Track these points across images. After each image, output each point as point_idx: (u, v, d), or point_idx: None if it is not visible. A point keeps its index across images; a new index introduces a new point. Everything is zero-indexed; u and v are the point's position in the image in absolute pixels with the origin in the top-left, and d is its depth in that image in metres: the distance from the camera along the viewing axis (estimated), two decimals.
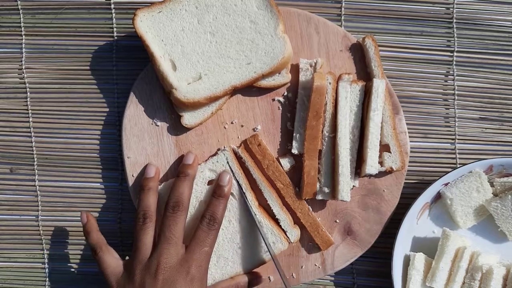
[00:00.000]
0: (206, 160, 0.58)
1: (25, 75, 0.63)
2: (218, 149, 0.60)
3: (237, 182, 0.58)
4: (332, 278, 0.63)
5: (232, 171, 0.58)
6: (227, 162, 0.58)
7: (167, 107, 0.60)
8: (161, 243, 0.52)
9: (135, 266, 0.52)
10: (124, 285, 0.51)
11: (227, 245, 0.58)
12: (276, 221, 0.58)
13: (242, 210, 0.58)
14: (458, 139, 0.63)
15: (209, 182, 0.58)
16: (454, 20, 0.63)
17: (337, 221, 0.60)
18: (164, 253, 0.51)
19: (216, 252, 0.57)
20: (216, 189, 0.56)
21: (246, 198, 0.57)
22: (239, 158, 0.59)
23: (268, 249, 0.56)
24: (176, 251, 0.52)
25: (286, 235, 0.58)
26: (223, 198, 0.55)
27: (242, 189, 0.58)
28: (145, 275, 0.51)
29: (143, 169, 0.59)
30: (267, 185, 0.58)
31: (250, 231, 0.58)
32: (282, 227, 0.58)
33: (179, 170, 0.56)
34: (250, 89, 0.60)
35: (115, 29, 0.63)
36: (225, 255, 0.58)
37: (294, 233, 0.58)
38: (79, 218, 0.58)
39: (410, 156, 0.62)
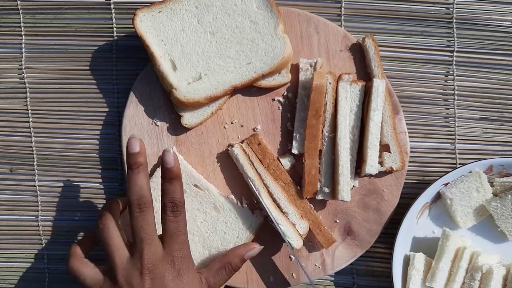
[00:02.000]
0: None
1: (25, 75, 0.63)
2: (229, 145, 0.60)
3: (250, 179, 0.58)
4: (332, 278, 0.63)
5: (244, 169, 0.57)
6: (237, 160, 0.58)
7: (167, 107, 0.60)
8: (137, 245, 0.50)
9: (117, 269, 0.50)
10: (121, 269, 0.50)
11: (212, 236, 0.58)
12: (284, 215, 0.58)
13: (211, 196, 0.58)
14: (458, 139, 0.63)
15: None
16: (454, 20, 0.63)
17: (337, 221, 0.60)
18: (144, 254, 0.49)
19: (205, 245, 0.58)
20: (165, 173, 0.50)
21: (259, 194, 0.57)
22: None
23: (288, 245, 0.56)
24: (155, 248, 0.50)
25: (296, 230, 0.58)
26: (175, 179, 0.51)
27: (255, 185, 0.57)
28: (130, 277, 0.49)
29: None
30: (272, 180, 0.58)
31: (228, 213, 0.58)
32: (291, 220, 0.58)
33: (128, 162, 0.50)
34: (250, 89, 0.60)
35: (115, 29, 0.63)
36: (214, 245, 0.58)
37: (303, 225, 0.58)
38: (79, 218, 0.57)
39: (410, 156, 0.62)
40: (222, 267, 0.54)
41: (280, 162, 0.59)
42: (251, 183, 0.57)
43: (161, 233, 0.52)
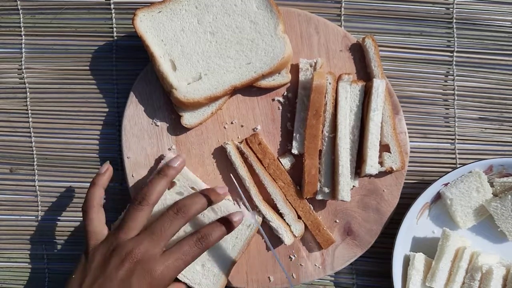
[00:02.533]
0: None
1: (25, 75, 0.63)
2: (224, 142, 0.60)
3: (241, 177, 0.58)
4: (332, 278, 0.63)
5: (236, 166, 0.58)
6: (230, 157, 0.58)
7: (167, 107, 0.60)
8: (146, 233, 0.51)
9: (116, 240, 0.51)
10: (96, 250, 0.51)
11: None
12: (280, 216, 0.58)
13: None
14: (458, 139, 0.63)
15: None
16: (454, 20, 0.63)
17: (337, 221, 0.60)
18: (143, 244, 0.50)
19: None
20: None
21: (250, 193, 0.58)
22: (241, 154, 0.59)
23: (267, 245, 0.56)
24: (155, 248, 0.50)
25: (290, 229, 0.58)
26: (224, 227, 0.53)
27: (246, 184, 0.58)
28: (116, 253, 0.50)
29: (143, 169, 0.60)
30: (270, 180, 0.58)
31: (225, 213, 0.57)
32: (286, 221, 0.58)
33: (162, 168, 0.56)
34: (250, 89, 0.60)
35: (115, 29, 0.63)
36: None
37: (298, 227, 0.58)
38: (79, 218, 0.58)
39: (410, 156, 0.62)
40: (179, 258, 0.52)
41: (280, 162, 0.59)
42: (232, 176, 0.57)
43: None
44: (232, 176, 0.57)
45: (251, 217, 0.57)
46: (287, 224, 0.58)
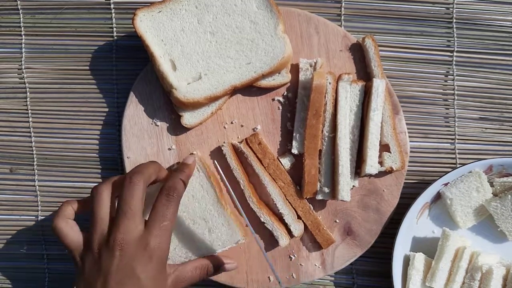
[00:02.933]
0: None
1: (25, 75, 0.63)
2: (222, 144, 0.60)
3: (236, 178, 0.58)
4: (332, 278, 0.63)
5: (230, 167, 0.58)
6: (226, 158, 0.58)
7: (167, 107, 0.60)
8: (117, 217, 0.49)
9: (94, 238, 0.49)
10: (83, 257, 0.49)
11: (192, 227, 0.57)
12: (277, 216, 0.58)
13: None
14: (458, 139, 0.63)
15: None
16: (454, 20, 0.63)
17: (337, 221, 0.60)
18: (121, 228, 0.48)
19: (200, 247, 0.56)
20: (179, 166, 0.55)
21: (246, 195, 0.58)
22: (240, 154, 0.59)
23: (259, 246, 0.56)
24: (134, 225, 0.48)
25: (287, 230, 0.58)
26: (184, 172, 0.53)
27: (240, 185, 0.58)
28: (102, 249, 0.48)
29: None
30: (270, 180, 0.58)
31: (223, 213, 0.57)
32: (286, 221, 0.58)
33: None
34: (250, 89, 0.60)
35: (115, 29, 0.63)
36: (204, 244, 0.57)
37: (298, 227, 0.58)
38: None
39: (410, 156, 0.62)
40: (199, 267, 0.54)
41: (280, 162, 0.59)
42: (228, 185, 0.56)
43: None
44: (228, 185, 0.56)
45: (256, 240, 0.56)
46: (286, 224, 0.58)
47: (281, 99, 0.60)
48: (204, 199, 0.57)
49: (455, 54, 0.63)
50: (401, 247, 0.58)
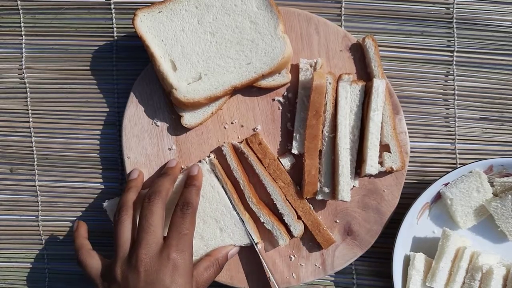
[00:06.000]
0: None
1: (25, 75, 0.63)
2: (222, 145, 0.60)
3: (235, 178, 0.58)
4: (332, 278, 0.63)
5: (230, 167, 0.58)
6: (226, 159, 0.58)
7: (167, 107, 0.60)
8: (138, 234, 0.51)
9: (117, 263, 0.51)
10: (109, 285, 0.50)
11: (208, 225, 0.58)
12: (277, 216, 0.59)
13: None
14: (458, 139, 0.63)
15: None
16: (454, 20, 0.63)
17: (337, 221, 0.60)
18: (142, 243, 0.50)
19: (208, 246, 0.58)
20: (187, 180, 0.56)
21: (245, 195, 0.58)
22: (240, 155, 0.59)
23: (254, 246, 0.57)
24: (155, 240, 0.50)
25: (287, 230, 0.58)
26: (193, 185, 0.55)
27: (240, 185, 0.58)
28: (127, 270, 0.50)
29: (144, 169, 0.60)
30: (270, 180, 0.58)
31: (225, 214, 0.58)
32: (286, 221, 0.58)
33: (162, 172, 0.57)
34: (250, 89, 0.60)
35: (115, 29, 0.63)
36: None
37: (298, 227, 0.58)
38: (79, 218, 0.58)
39: (410, 156, 0.62)
40: (210, 265, 0.55)
41: (280, 162, 0.59)
42: (225, 191, 0.58)
43: None
44: (225, 191, 0.58)
45: (256, 248, 0.58)
46: (286, 224, 0.58)
47: (281, 99, 0.60)
48: (215, 199, 0.58)
49: (455, 54, 0.63)
50: (401, 247, 0.58)
